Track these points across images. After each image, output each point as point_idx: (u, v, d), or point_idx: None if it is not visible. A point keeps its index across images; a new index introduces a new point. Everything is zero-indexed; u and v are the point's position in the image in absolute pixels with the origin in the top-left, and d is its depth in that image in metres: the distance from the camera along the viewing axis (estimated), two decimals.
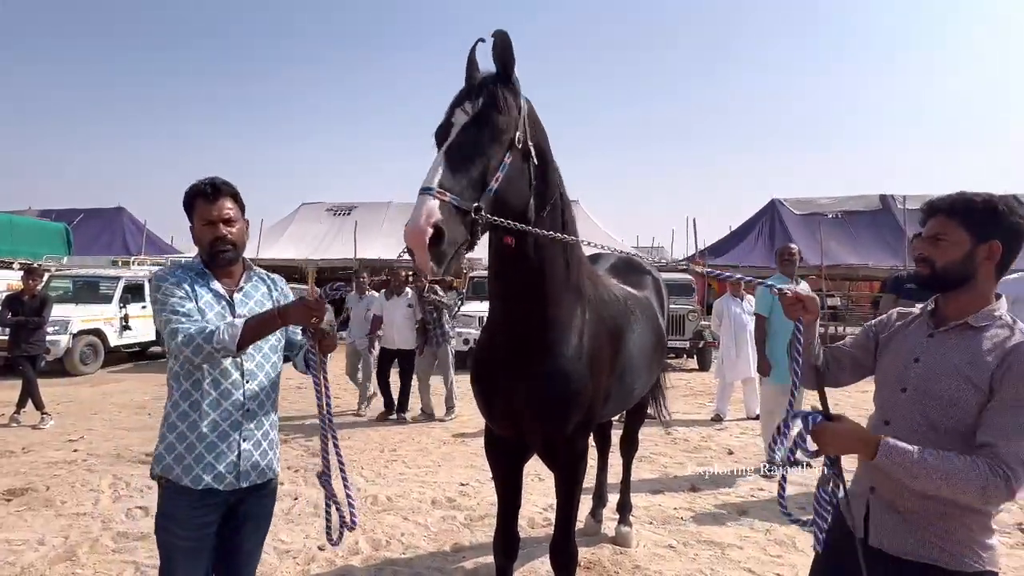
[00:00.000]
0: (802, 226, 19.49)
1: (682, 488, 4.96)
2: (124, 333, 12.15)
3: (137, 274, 13.35)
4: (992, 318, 1.61)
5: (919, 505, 1.58)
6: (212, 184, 2.02)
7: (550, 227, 2.16)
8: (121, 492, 4.78)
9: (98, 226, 21.55)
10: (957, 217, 1.63)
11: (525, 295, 2.28)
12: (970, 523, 1.56)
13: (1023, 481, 1.42)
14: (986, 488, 1.41)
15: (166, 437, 2.01)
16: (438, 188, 1.76)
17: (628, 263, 3.73)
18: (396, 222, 20.68)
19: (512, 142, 1.98)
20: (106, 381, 10.59)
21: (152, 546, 3.77)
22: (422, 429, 7.03)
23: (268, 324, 1.93)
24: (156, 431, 2.14)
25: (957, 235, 1.62)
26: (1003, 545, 3.86)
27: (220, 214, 2.01)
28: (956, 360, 1.58)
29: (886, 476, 1.57)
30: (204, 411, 1.96)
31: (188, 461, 1.96)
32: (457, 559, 3.67)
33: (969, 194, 1.64)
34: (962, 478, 1.42)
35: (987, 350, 1.56)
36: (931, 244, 1.66)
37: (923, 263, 1.68)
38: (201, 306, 1.98)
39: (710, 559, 3.67)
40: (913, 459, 1.45)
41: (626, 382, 2.92)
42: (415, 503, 4.57)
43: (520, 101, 2.06)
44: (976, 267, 1.62)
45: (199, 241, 2.05)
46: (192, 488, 1.95)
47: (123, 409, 8.11)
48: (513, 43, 2.01)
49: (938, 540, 1.57)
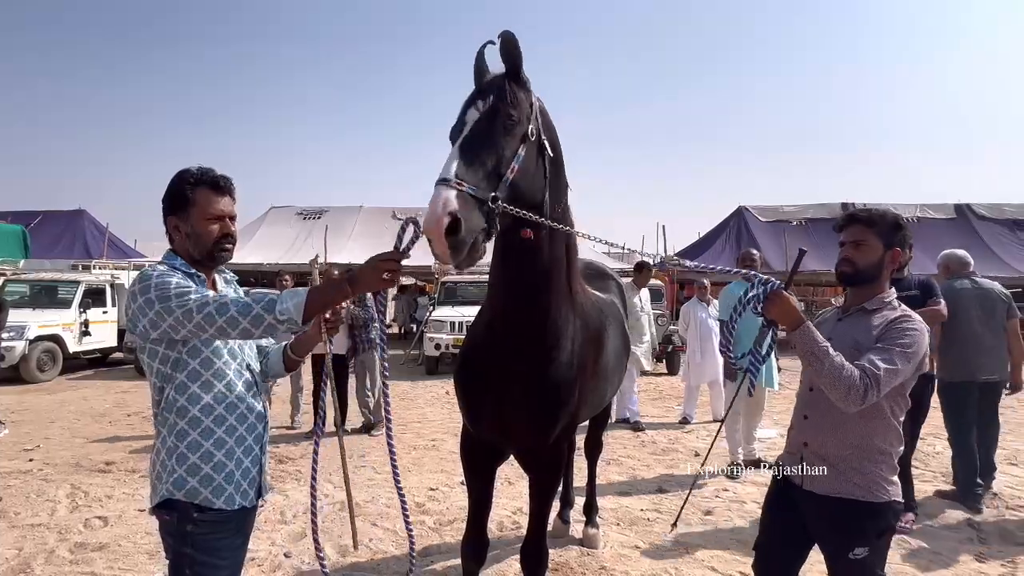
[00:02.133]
0: (768, 232, 19.96)
1: (649, 490, 5.03)
2: (84, 339, 11.80)
3: (98, 278, 12.98)
4: (883, 303, 2.10)
5: (841, 453, 2.04)
6: (224, 176, 1.85)
7: (561, 222, 2.19)
8: (79, 502, 4.65)
9: (57, 229, 20.82)
10: (874, 228, 2.09)
11: (530, 295, 2.26)
12: (881, 465, 2.02)
13: (876, 391, 1.84)
14: (849, 391, 1.83)
15: (186, 457, 1.75)
16: (456, 179, 1.77)
17: (594, 268, 3.77)
18: (367, 226, 20.53)
19: (525, 134, 2.00)
20: (65, 388, 10.27)
21: (111, 556, 3.70)
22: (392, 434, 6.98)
23: (337, 294, 1.71)
24: (118, 439, 2.08)
25: (873, 242, 2.09)
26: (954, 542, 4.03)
27: (231, 210, 1.86)
28: (854, 334, 2.06)
29: (816, 432, 2.10)
30: (232, 425, 1.81)
31: (219, 481, 1.78)
32: (425, 563, 3.67)
33: (880, 210, 2.14)
34: (840, 376, 1.84)
35: (876, 325, 2.04)
36: (854, 248, 2.11)
37: (847, 263, 2.13)
38: None
39: (675, 559, 3.74)
40: (819, 345, 1.89)
41: (601, 387, 2.97)
42: (383, 508, 4.55)
43: (532, 97, 2.09)
44: (883, 268, 2.11)
45: (199, 237, 1.82)
46: (226, 509, 1.78)
47: (82, 417, 7.87)
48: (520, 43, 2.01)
49: (857, 479, 2.00)
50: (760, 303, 1.99)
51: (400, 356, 13.53)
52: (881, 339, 1.97)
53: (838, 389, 1.85)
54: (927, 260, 17.41)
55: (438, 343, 11.29)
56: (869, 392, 1.84)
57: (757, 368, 2.22)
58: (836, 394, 1.87)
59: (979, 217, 19.63)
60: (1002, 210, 19.68)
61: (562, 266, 2.32)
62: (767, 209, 21.16)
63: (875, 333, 2.00)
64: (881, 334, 1.98)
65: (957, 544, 3.96)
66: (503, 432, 2.52)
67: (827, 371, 1.86)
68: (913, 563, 3.70)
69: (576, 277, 2.50)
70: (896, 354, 1.90)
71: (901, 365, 1.90)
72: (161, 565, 3.56)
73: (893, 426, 2.05)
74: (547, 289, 2.27)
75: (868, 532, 2.00)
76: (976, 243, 18.43)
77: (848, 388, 1.83)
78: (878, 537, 2.02)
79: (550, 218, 2.12)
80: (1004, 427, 5.34)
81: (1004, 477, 5.30)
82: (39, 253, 17.82)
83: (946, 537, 4.07)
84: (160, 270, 1.76)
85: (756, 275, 2.06)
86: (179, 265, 1.84)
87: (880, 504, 1.99)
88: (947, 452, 6.10)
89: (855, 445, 2.02)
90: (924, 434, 6.86)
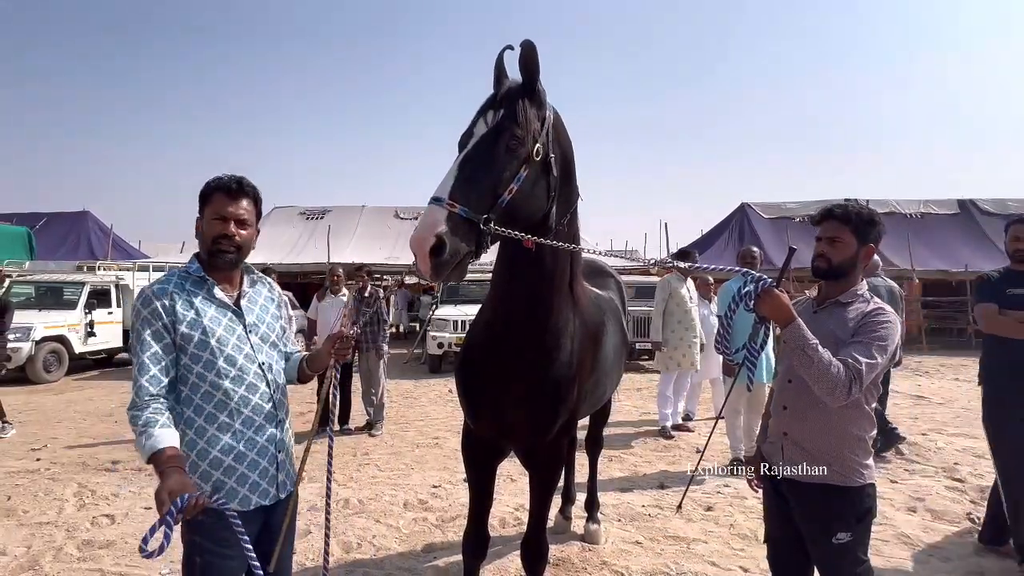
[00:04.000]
0: (770, 230, 19.93)
1: (651, 486, 5.06)
2: (89, 340, 11.86)
3: (103, 279, 13.05)
4: (856, 296, 2.17)
5: (819, 441, 2.13)
6: (238, 181, 1.95)
7: (568, 234, 2.23)
8: (86, 500, 4.70)
9: (62, 230, 20.94)
10: (849, 224, 2.15)
11: (532, 300, 2.28)
12: (856, 451, 2.11)
13: (859, 385, 1.92)
14: (836, 387, 1.91)
15: (197, 465, 1.86)
16: (448, 199, 1.79)
17: (592, 267, 3.79)
18: (369, 226, 20.57)
19: (529, 155, 1.98)
20: (71, 389, 10.35)
21: (118, 553, 3.75)
22: (395, 433, 7.03)
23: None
24: (124, 439, 2.12)
25: (848, 238, 2.15)
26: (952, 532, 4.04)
27: (236, 212, 1.92)
28: (830, 326, 2.12)
29: (794, 422, 2.18)
30: (238, 431, 1.88)
31: (231, 485, 1.88)
32: (428, 559, 3.71)
33: (854, 206, 2.18)
34: (828, 372, 1.91)
35: (851, 317, 2.11)
36: (829, 244, 2.17)
37: (821, 259, 2.19)
38: (207, 324, 1.86)
39: (675, 554, 3.77)
40: (809, 343, 1.95)
41: (601, 384, 3.00)
42: (387, 506, 4.59)
43: (545, 112, 2.07)
44: (857, 263, 2.17)
45: (203, 235, 1.93)
46: (241, 510, 1.85)
47: (88, 417, 7.94)
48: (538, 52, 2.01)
49: (835, 465, 2.10)
50: (753, 300, 2.05)
51: (403, 355, 13.59)
52: (858, 333, 2.05)
53: (826, 385, 1.92)
54: (930, 256, 17.51)
55: (441, 342, 11.31)
56: (853, 387, 1.92)
57: (753, 363, 2.26)
58: (823, 390, 1.94)
59: (982, 212, 19.56)
60: (1005, 205, 19.61)
61: (565, 273, 2.34)
62: (770, 206, 21.13)
63: (851, 326, 2.08)
64: (857, 327, 2.06)
65: (957, 539, 3.98)
66: (503, 429, 2.55)
67: (816, 367, 1.93)
68: (911, 555, 3.72)
69: (578, 281, 2.52)
70: (874, 348, 1.99)
71: (880, 358, 1.98)
72: (168, 561, 3.62)
73: (866, 412, 2.14)
74: (549, 295, 2.30)
75: (847, 516, 2.09)
76: (980, 238, 18.41)
77: (835, 384, 1.91)
78: (858, 521, 2.10)
79: (555, 229, 2.15)
80: None
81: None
82: (44, 255, 17.92)
83: (946, 532, 4.09)
84: (151, 306, 1.83)
85: (749, 273, 2.13)
86: (192, 270, 1.94)
87: (857, 488, 2.09)
88: (948, 448, 6.12)
89: (832, 433, 2.11)
90: (927, 429, 6.90)
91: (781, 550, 2.33)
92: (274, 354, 2.05)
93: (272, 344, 2.05)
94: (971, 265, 17.06)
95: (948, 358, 13.88)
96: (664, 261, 7.40)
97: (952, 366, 12.75)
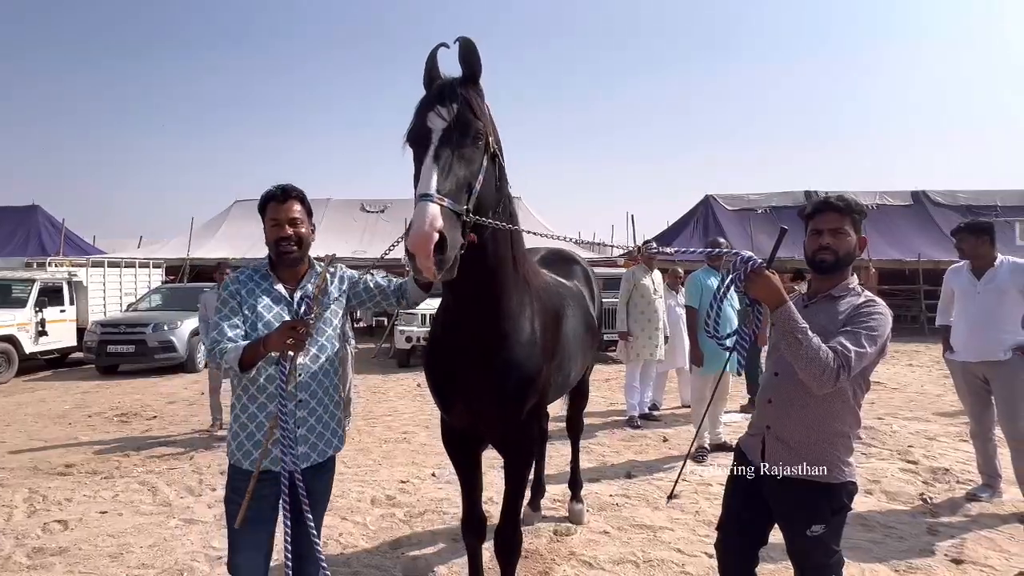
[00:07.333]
0: (734, 221, 20.37)
1: (618, 475, 5.11)
2: (40, 339, 11.43)
3: (54, 276, 12.55)
4: (847, 289, 2.12)
5: (802, 436, 2.09)
6: (282, 188, 2.27)
7: (506, 222, 2.26)
8: (37, 506, 4.52)
9: (10, 225, 20.04)
10: (849, 215, 2.10)
11: (481, 289, 2.31)
12: (839, 447, 2.08)
13: (847, 373, 1.88)
14: (824, 372, 1.86)
15: (230, 427, 2.28)
16: (437, 194, 1.80)
17: (557, 254, 3.83)
18: (334, 220, 20.24)
19: (487, 145, 2.06)
20: (20, 390, 9.93)
21: (71, 560, 3.62)
22: (363, 428, 6.95)
23: (255, 350, 2.08)
24: (79, 441, 2.09)
25: (849, 229, 2.10)
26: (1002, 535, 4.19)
27: (287, 215, 2.24)
28: (821, 321, 2.05)
29: (778, 416, 2.15)
30: (262, 403, 2.21)
31: (247, 447, 2.21)
32: (395, 555, 3.67)
33: (849, 197, 2.14)
34: (817, 357, 1.87)
35: (842, 311, 2.07)
36: (833, 237, 2.09)
37: (827, 251, 2.11)
38: (260, 310, 2.22)
39: (642, 542, 3.81)
40: (799, 325, 1.90)
41: (564, 368, 3.03)
42: (354, 503, 4.53)
43: (486, 103, 2.14)
44: (854, 255, 2.12)
45: (268, 240, 2.28)
46: (251, 471, 2.16)
47: (40, 419, 7.64)
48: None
49: (816, 461, 2.06)
50: (742, 281, 2.01)
51: (371, 349, 13.45)
52: (848, 323, 2.00)
53: (813, 370, 1.87)
54: (885, 245, 18.09)
55: (409, 336, 11.22)
56: (841, 374, 1.87)
57: (744, 347, 2.22)
58: (811, 375, 1.89)
59: (935, 204, 20.33)
60: (956, 197, 20.43)
61: (508, 261, 2.38)
62: (733, 198, 21.56)
63: (841, 319, 2.03)
64: (848, 319, 2.02)
65: (910, 519, 4.12)
66: (473, 417, 2.59)
67: (805, 351, 1.88)
68: (868, 536, 3.84)
69: (524, 265, 2.56)
70: (864, 337, 1.94)
71: (869, 348, 1.93)
72: (124, 568, 3.51)
73: (853, 408, 2.10)
74: (495, 282, 2.33)
75: (825, 510, 2.07)
76: (932, 228, 19.11)
77: (823, 370, 1.86)
78: (834, 515, 2.09)
79: (500, 217, 2.20)
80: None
81: (956, 453, 5.53)
82: None
83: (900, 512, 4.24)
84: (228, 289, 2.27)
85: (738, 253, 2.06)
86: (262, 266, 2.34)
87: (837, 484, 2.07)
88: (903, 431, 6.34)
89: (816, 428, 2.07)
90: (883, 414, 7.13)
91: (731, 539, 2.33)
92: (320, 339, 2.30)
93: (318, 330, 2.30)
94: (924, 254, 17.73)
95: (902, 344, 14.31)
96: (647, 246, 7.42)
97: (906, 352, 13.20)
